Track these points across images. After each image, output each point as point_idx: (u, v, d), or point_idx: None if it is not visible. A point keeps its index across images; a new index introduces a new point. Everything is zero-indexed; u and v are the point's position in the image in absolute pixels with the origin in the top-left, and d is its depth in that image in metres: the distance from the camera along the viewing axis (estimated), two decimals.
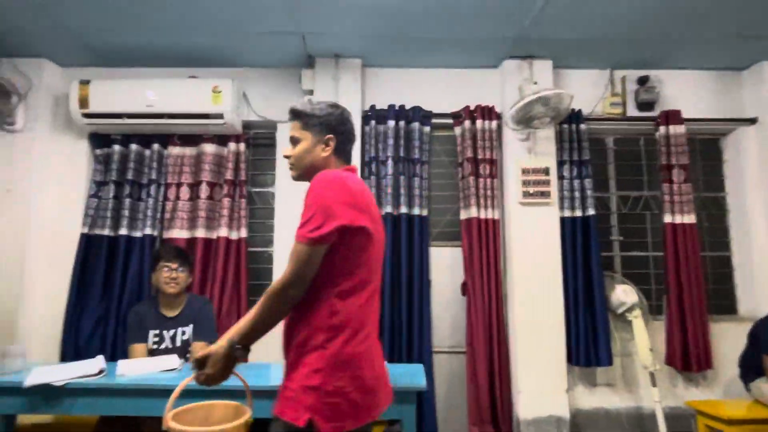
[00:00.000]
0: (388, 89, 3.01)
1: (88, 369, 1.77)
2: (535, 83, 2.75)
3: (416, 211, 2.87)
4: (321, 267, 1.18)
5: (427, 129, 2.96)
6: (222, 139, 2.94)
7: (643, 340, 2.65)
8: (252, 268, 2.96)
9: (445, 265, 2.96)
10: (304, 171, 1.33)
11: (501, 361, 2.74)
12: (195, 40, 2.71)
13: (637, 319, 2.70)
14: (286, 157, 1.37)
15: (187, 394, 1.23)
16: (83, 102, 2.70)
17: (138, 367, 1.86)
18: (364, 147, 2.93)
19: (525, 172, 2.83)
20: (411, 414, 1.62)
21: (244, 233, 2.88)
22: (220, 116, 2.74)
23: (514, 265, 2.79)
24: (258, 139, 3.11)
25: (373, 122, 2.92)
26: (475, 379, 2.70)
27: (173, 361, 1.94)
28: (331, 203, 1.16)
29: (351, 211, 1.18)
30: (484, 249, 2.82)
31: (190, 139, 2.93)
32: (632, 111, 3.03)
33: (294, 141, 1.35)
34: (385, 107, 2.93)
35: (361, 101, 2.94)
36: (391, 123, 2.90)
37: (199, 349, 2.14)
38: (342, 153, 1.36)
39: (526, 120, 2.65)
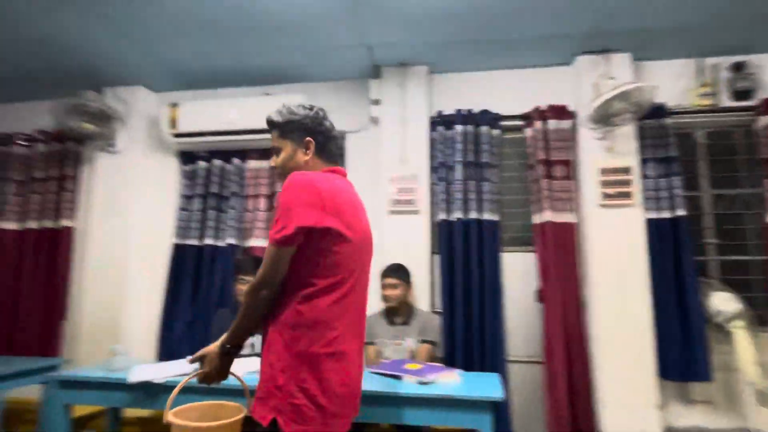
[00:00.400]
0: (455, 94, 2.99)
1: (185, 368, 1.91)
2: (612, 78, 2.60)
3: (486, 216, 2.81)
4: (291, 267, 1.20)
5: (495, 132, 2.90)
6: None
7: (747, 353, 2.39)
8: None
9: (518, 272, 2.87)
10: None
11: (581, 372, 2.60)
12: (269, 59, 2.86)
13: (739, 330, 2.44)
14: (273, 167, 1.40)
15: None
16: (172, 123, 2.95)
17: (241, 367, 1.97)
18: (433, 153, 2.93)
19: (604, 172, 2.68)
20: (487, 424, 1.58)
21: None
22: None
23: (593, 270, 2.64)
24: None
25: (440, 128, 2.92)
26: (553, 391, 2.58)
27: (256, 363, 2.04)
28: (295, 205, 1.17)
29: (315, 212, 1.18)
30: (560, 254, 2.70)
31: (266, 153, 3.10)
32: (725, 101, 2.77)
33: (276, 151, 1.37)
34: (453, 112, 2.91)
35: (428, 107, 2.95)
36: (459, 128, 2.87)
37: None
38: (324, 153, 1.37)
39: (604, 118, 2.52)
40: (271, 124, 1.38)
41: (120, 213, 3.06)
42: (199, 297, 2.97)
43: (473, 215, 2.81)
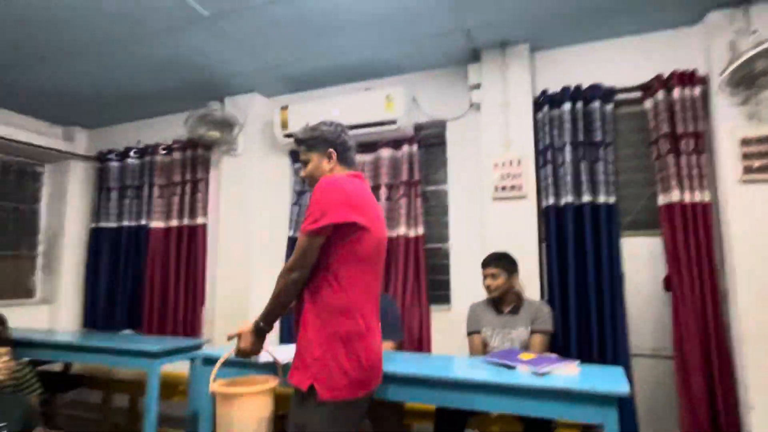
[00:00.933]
0: (560, 71, 2.81)
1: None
2: (755, 32, 2.24)
3: (602, 199, 2.61)
4: (322, 256, 1.42)
5: (608, 107, 2.67)
6: (396, 144, 3.13)
7: None
8: (430, 264, 3.09)
9: (642, 257, 2.63)
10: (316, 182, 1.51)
11: (721, 369, 2.31)
12: (366, 54, 2.94)
13: None
14: (303, 178, 1.65)
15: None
16: (284, 124, 3.18)
17: None
18: (537, 135, 2.79)
19: (746, 143, 2.33)
20: (613, 419, 1.48)
21: (421, 230, 3.02)
22: (393, 122, 2.93)
23: (734, 256, 2.32)
24: (429, 139, 3.23)
25: (545, 108, 2.76)
26: (687, 389, 2.33)
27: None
28: (326, 203, 1.38)
29: (343, 209, 1.38)
30: (692, 238, 2.42)
31: (369, 147, 3.20)
32: None
33: (304, 163, 1.61)
34: (559, 90, 2.74)
35: (532, 88, 2.80)
36: (567, 106, 2.69)
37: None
38: (344, 160, 1.60)
39: (745, 80, 2.19)
40: (299, 141, 1.62)
41: (243, 210, 3.39)
42: None
43: (586, 199, 2.63)
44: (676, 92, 2.51)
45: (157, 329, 3.57)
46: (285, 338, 3.15)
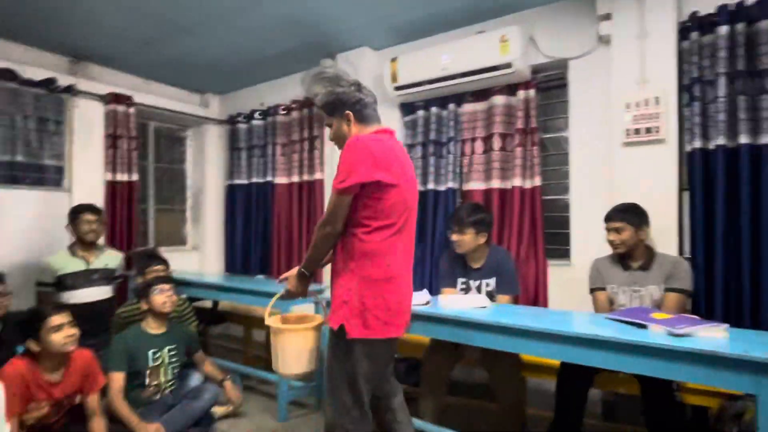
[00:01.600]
0: None
1: (419, 299, 2.13)
2: None
3: (765, 139, 2.19)
4: (352, 211, 1.53)
5: None
6: (511, 89, 2.94)
7: None
8: (548, 217, 2.92)
9: None
10: (343, 144, 1.59)
11: None
12: None
13: None
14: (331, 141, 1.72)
15: None
16: (394, 77, 3.16)
17: (456, 302, 2.12)
18: (682, 68, 2.40)
19: None
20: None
21: (537, 182, 2.84)
22: (508, 66, 2.73)
23: None
24: (548, 82, 2.97)
25: (694, 34, 2.35)
26: None
27: (484, 300, 2.13)
28: (351, 163, 1.48)
29: (367, 168, 1.47)
30: None
31: (482, 94, 3.05)
32: None
33: (328, 126, 1.70)
34: (713, 11, 2.30)
35: (676, 11, 2.40)
36: (723, 29, 2.26)
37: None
38: (364, 118, 1.64)
39: None
40: (320, 109, 1.70)
41: None
42: (425, 238, 3.23)
43: (744, 140, 2.23)
44: None
45: None
46: None
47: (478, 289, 2.43)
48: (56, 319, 1.95)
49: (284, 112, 4.04)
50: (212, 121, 4.62)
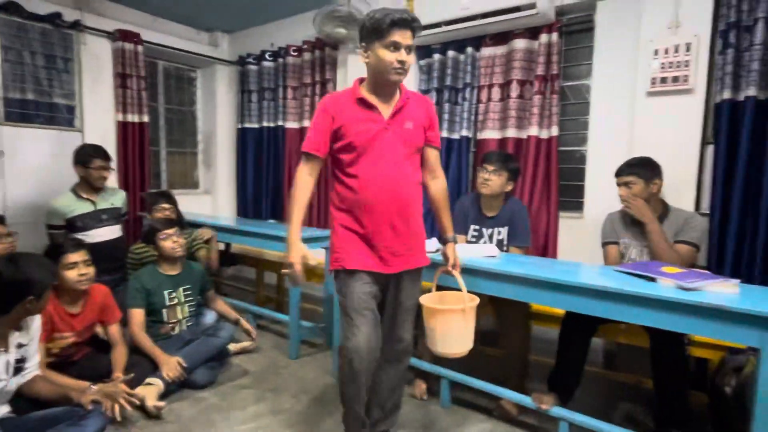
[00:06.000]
0: None
1: (429, 246, 2.12)
2: None
3: None
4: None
5: None
6: (533, 32, 2.79)
7: None
8: (563, 168, 2.86)
9: None
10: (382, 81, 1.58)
11: None
12: None
13: None
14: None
15: None
16: None
17: (466, 251, 2.13)
18: (719, 12, 2.25)
19: None
20: None
21: (555, 132, 2.77)
22: (532, 6, 2.58)
23: None
24: (573, 26, 2.81)
25: None
26: None
27: (494, 249, 2.14)
28: None
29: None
30: None
31: (501, 38, 2.91)
32: None
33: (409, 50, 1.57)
34: None
35: None
36: None
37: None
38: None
39: None
40: (419, 30, 1.59)
41: None
42: None
43: None
44: None
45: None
46: None
47: (490, 238, 2.43)
48: (72, 257, 2.01)
49: (295, 53, 3.92)
50: (222, 61, 4.50)
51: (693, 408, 1.96)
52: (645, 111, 2.40)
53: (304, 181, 1.62)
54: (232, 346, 2.69)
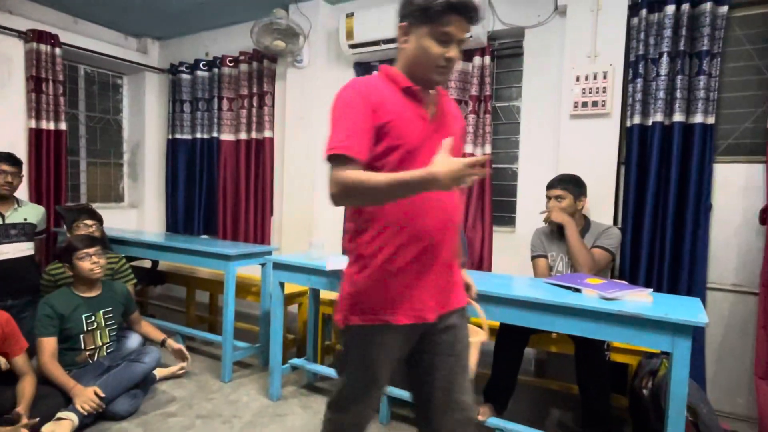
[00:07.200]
0: None
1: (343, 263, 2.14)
2: None
3: (698, 118, 2.33)
4: None
5: (722, 10, 2.29)
6: (468, 55, 2.92)
7: None
8: (497, 185, 2.99)
9: (736, 186, 2.37)
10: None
11: None
12: None
13: None
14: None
15: None
16: (349, 34, 3.04)
17: None
18: (629, 45, 2.48)
19: None
20: (685, 349, 1.43)
21: (488, 149, 2.89)
22: None
23: None
24: (504, 50, 2.97)
25: (643, 12, 2.41)
26: None
27: None
28: None
29: None
30: None
31: None
32: None
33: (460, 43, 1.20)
34: None
35: None
36: (670, 8, 2.33)
37: None
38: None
39: None
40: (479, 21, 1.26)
41: (308, 123, 3.40)
42: None
43: (678, 118, 2.36)
44: None
45: (231, 236, 3.83)
46: None
47: None
48: None
49: (231, 63, 3.81)
50: (152, 69, 4.28)
51: (615, 410, 2.09)
52: (569, 132, 2.58)
53: (356, 173, 1.08)
54: (159, 371, 2.51)
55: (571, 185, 2.24)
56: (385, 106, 1.15)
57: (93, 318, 2.28)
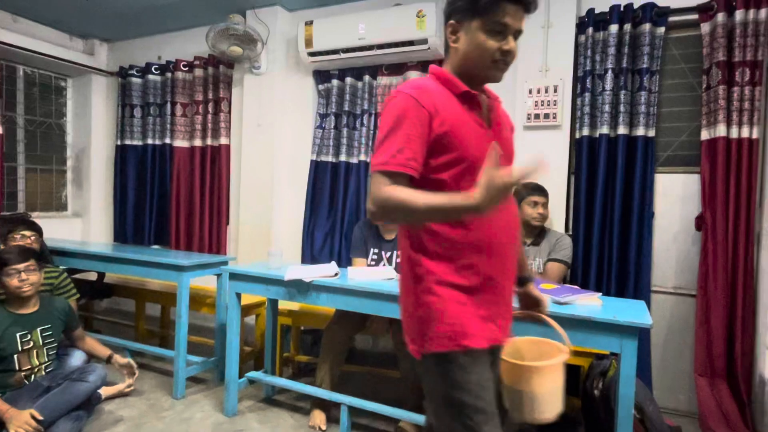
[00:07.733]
0: None
1: (328, 271, 2.12)
2: None
3: (640, 131, 2.48)
4: None
5: (660, 30, 2.45)
6: (426, 66, 2.97)
7: None
8: None
9: (674, 195, 2.54)
10: None
11: (744, 310, 2.30)
12: None
13: None
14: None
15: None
16: (308, 42, 3.03)
17: (364, 275, 2.15)
18: (577, 60, 2.61)
19: None
20: (632, 350, 1.50)
21: None
22: (424, 41, 2.75)
23: None
24: None
25: (590, 30, 2.55)
26: (706, 326, 2.34)
27: (391, 272, 2.18)
28: None
29: None
30: (733, 176, 2.30)
31: (396, 69, 3.05)
32: None
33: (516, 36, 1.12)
34: (607, 9, 2.51)
35: (576, 7, 2.58)
36: (614, 28, 2.48)
37: None
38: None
39: None
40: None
41: (266, 131, 3.34)
42: (335, 210, 3.20)
43: (622, 131, 2.50)
44: (739, 14, 2.27)
45: (184, 246, 3.69)
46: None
47: (389, 260, 2.48)
48: None
49: (186, 68, 3.70)
50: (99, 71, 4.09)
51: (568, 412, 2.16)
52: (524, 143, 2.66)
53: (399, 192, 0.99)
54: (105, 390, 2.36)
55: (546, 193, 2.41)
56: (442, 113, 1.05)
57: (29, 336, 2.12)
